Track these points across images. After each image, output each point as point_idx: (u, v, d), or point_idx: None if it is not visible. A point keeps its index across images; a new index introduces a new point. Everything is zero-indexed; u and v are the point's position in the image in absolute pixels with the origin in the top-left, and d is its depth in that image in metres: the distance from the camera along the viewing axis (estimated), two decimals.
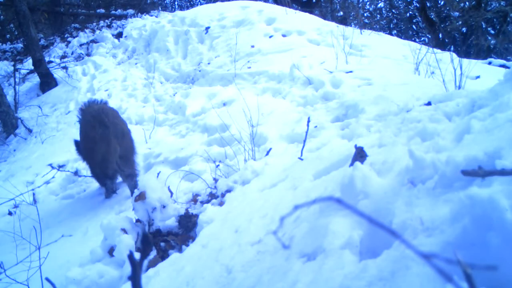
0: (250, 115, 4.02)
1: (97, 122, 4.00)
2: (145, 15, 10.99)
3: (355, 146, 2.16)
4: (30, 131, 7.31)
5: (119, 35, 10.17)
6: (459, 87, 3.84)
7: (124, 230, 2.90)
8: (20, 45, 11.53)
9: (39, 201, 4.84)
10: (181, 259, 2.45)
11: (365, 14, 17.17)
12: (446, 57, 4.67)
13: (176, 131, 5.42)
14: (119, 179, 4.44)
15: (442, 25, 13.51)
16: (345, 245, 1.43)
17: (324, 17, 11.39)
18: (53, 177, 5.30)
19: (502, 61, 7.17)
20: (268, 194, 2.70)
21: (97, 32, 10.69)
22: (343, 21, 11.79)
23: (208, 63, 7.14)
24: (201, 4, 17.29)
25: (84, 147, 4.28)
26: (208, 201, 3.30)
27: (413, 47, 5.72)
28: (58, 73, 8.90)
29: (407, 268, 1.12)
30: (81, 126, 4.28)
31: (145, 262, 2.70)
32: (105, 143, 3.98)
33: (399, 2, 19.05)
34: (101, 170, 4.21)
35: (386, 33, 10.74)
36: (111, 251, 2.88)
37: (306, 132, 3.50)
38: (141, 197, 3.00)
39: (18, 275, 2.69)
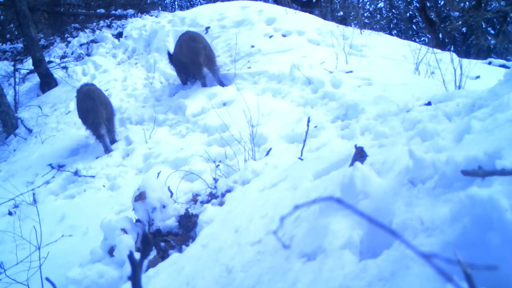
0: (250, 115, 4.02)
1: (87, 97, 5.73)
2: (145, 15, 10.97)
3: (355, 146, 2.16)
4: (30, 131, 7.31)
5: (119, 35, 10.15)
6: (459, 87, 3.84)
7: (124, 230, 2.90)
8: (20, 45, 11.52)
9: (39, 201, 4.84)
10: (181, 259, 2.45)
11: (365, 14, 17.16)
12: (446, 57, 4.67)
13: (176, 131, 5.42)
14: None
15: (442, 25, 13.51)
16: (345, 245, 1.43)
17: (324, 17, 11.37)
18: (53, 177, 5.31)
19: (502, 61, 7.16)
20: (268, 194, 2.69)
21: (97, 32, 10.68)
22: (343, 21, 11.79)
23: None
24: (201, 4, 17.28)
25: (79, 116, 5.95)
26: (208, 201, 3.30)
27: (413, 47, 5.71)
28: (58, 73, 8.88)
29: (407, 268, 1.12)
30: (77, 101, 6.01)
31: (145, 262, 2.70)
32: (94, 111, 5.58)
33: (399, 2, 19.02)
34: (95, 129, 5.67)
35: (386, 33, 10.72)
36: (111, 251, 2.88)
37: (306, 132, 3.50)
38: (141, 197, 3.00)
39: (18, 275, 2.70)
